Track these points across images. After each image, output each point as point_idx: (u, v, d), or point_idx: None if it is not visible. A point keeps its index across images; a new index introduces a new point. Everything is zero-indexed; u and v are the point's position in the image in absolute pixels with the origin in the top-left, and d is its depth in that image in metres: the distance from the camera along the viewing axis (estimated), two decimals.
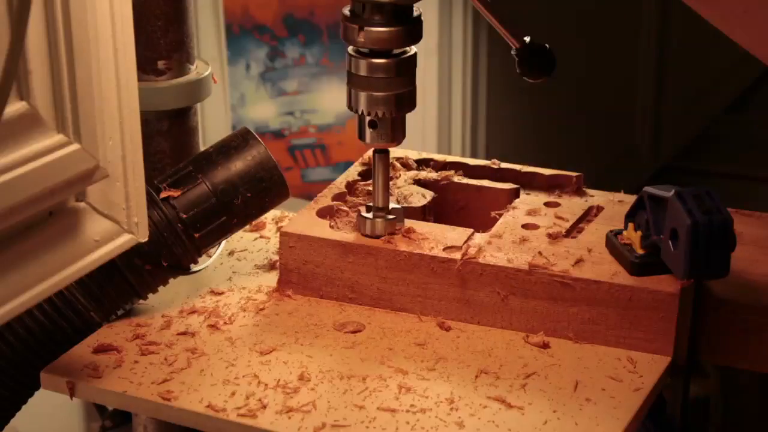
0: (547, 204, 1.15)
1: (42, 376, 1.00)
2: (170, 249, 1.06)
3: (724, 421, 1.23)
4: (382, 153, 1.10)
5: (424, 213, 1.15)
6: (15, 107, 0.83)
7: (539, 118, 2.68)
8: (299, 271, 1.10)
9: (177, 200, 1.07)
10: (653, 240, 1.02)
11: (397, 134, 1.08)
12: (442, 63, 2.37)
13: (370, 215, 1.10)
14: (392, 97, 1.06)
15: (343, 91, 1.09)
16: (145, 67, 1.14)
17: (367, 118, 1.07)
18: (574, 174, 1.19)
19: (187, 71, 1.18)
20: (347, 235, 1.09)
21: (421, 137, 2.38)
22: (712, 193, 0.98)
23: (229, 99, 2.47)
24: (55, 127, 0.86)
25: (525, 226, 1.11)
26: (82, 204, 0.93)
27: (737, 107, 3.64)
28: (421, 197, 1.16)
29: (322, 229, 1.10)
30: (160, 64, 1.16)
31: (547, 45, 1.09)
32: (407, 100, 1.07)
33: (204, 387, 0.97)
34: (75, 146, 0.87)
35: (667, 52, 3.16)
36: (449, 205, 1.18)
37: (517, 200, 1.17)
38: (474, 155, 2.46)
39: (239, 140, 1.10)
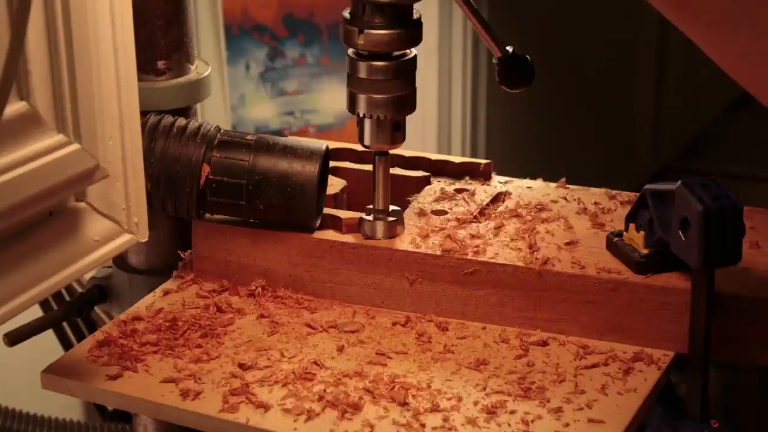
0: (457, 191, 1.18)
1: (42, 376, 1.00)
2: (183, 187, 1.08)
3: (725, 418, 1.23)
4: (382, 155, 1.10)
5: (335, 201, 1.16)
6: (15, 107, 0.83)
7: (539, 119, 2.68)
8: (213, 259, 1.12)
9: (215, 160, 1.08)
10: (658, 238, 1.02)
11: (397, 136, 1.08)
12: (442, 63, 2.37)
13: (370, 218, 1.10)
14: (392, 100, 1.06)
15: (343, 91, 1.09)
16: (145, 67, 1.14)
17: (367, 121, 1.07)
18: (482, 161, 1.23)
19: (186, 71, 1.18)
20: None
21: (421, 137, 2.38)
22: (718, 182, 0.98)
23: (229, 99, 2.47)
24: (55, 127, 0.86)
25: (435, 212, 1.14)
26: (82, 204, 0.93)
27: (737, 107, 3.64)
28: (330, 187, 1.17)
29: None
30: (160, 64, 1.16)
31: (528, 57, 1.10)
32: (407, 103, 1.08)
33: (206, 387, 0.98)
34: (75, 146, 0.87)
35: (667, 52, 3.16)
36: (362, 193, 1.19)
37: (427, 187, 1.19)
38: (474, 155, 2.46)
39: (307, 152, 1.10)
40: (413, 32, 1.05)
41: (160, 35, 1.15)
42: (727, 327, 1.01)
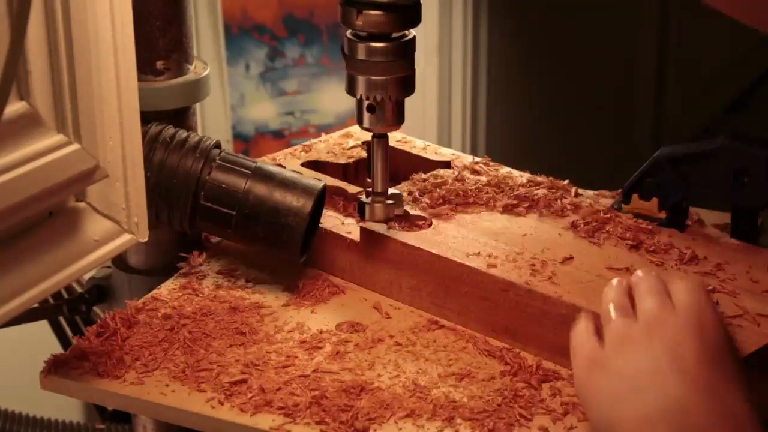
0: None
1: (41, 377, 1.00)
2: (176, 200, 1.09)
3: None
4: (381, 137, 1.09)
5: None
6: (15, 107, 0.83)
7: (539, 118, 2.68)
8: None
9: (212, 173, 1.09)
10: (676, 201, 1.11)
11: (397, 118, 1.08)
12: (442, 63, 2.37)
13: (369, 200, 1.10)
14: (391, 81, 1.06)
15: (343, 91, 1.09)
16: (144, 67, 1.14)
17: (366, 103, 1.06)
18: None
19: (185, 71, 1.18)
20: None
21: (422, 137, 2.38)
22: (743, 130, 1.11)
23: (229, 99, 2.47)
24: (55, 127, 0.86)
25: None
26: (82, 204, 0.93)
27: (737, 107, 3.64)
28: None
29: None
30: (159, 64, 1.16)
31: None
32: (406, 84, 1.07)
33: (207, 386, 0.98)
34: (75, 146, 0.87)
35: (667, 52, 3.16)
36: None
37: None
38: (474, 154, 2.46)
39: (301, 189, 1.10)
40: (412, 12, 1.04)
41: (159, 35, 1.15)
42: None
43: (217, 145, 1.12)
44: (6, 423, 1.35)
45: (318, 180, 1.12)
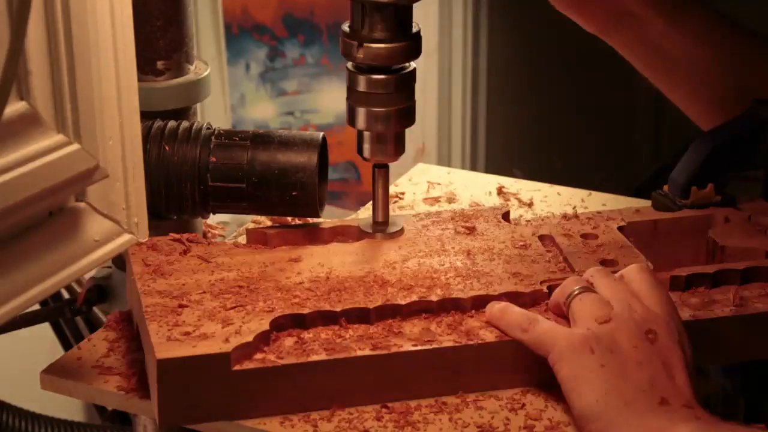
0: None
1: (41, 377, 1.00)
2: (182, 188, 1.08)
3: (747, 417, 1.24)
4: (382, 168, 1.10)
5: None
6: (15, 107, 0.83)
7: (539, 119, 2.68)
8: None
9: (213, 166, 1.08)
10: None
11: (397, 149, 1.09)
12: (442, 63, 2.37)
13: (370, 230, 1.10)
14: (392, 113, 1.06)
15: (343, 91, 1.09)
16: (144, 67, 1.14)
17: (366, 134, 1.07)
18: None
19: (185, 72, 1.18)
20: None
21: (421, 137, 2.38)
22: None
23: (229, 99, 2.47)
24: (55, 127, 0.86)
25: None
26: (82, 204, 0.93)
27: None
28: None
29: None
30: (159, 64, 1.16)
31: None
32: (407, 115, 1.08)
33: None
34: (75, 146, 0.87)
35: None
36: None
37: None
38: (473, 155, 2.46)
39: (303, 144, 1.09)
40: (413, 45, 1.05)
41: (159, 35, 1.15)
42: None
43: (209, 126, 1.11)
44: (9, 417, 1.35)
45: (317, 131, 1.12)
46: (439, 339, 0.95)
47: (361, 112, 1.07)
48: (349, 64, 1.06)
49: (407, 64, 1.07)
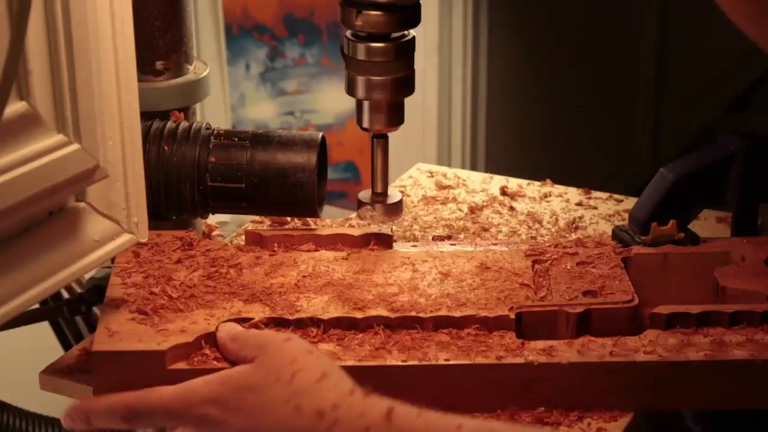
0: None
1: (41, 377, 1.00)
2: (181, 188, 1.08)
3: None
4: (381, 138, 1.09)
5: None
6: (15, 107, 0.83)
7: (539, 119, 2.68)
8: None
9: (212, 167, 1.08)
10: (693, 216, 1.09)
11: (396, 118, 1.08)
12: (442, 63, 2.37)
13: (368, 200, 1.09)
14: (390, 82, 1.06)
15: (343, 91, 1.09)
16: (144, 67, 1.14)
17: (365, 103, 1.06)
18: None
19: (185, 72, 1.18)
20: None
21: (421, 137, 2.38)
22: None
23: (229, 99, 2.47)
24: (55, 127, 0.86)
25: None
26: (82, 204, 0.93)
27: (737, 107, 3.64)
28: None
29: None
30: (159, 64, 1.16)
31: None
32: (406, 85, 1.07)
33: None
34: (75, 146, 0.87)
35: (667, 52, 3.16)
36: None
37: None
38: (473, 155, 2.46)
39: (302, 144, 1.09)
40: (412, 12, 1.04)
41: (159, 35, 1.15)
42: None
43: (208, 127, 1.11)
44: (8, 417, 1.35)
45: (316, 131, 1.12)
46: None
47: (360, 81, 1.06)
48: (348, 32, 1.06)
49: (406, 33, 1.06)
